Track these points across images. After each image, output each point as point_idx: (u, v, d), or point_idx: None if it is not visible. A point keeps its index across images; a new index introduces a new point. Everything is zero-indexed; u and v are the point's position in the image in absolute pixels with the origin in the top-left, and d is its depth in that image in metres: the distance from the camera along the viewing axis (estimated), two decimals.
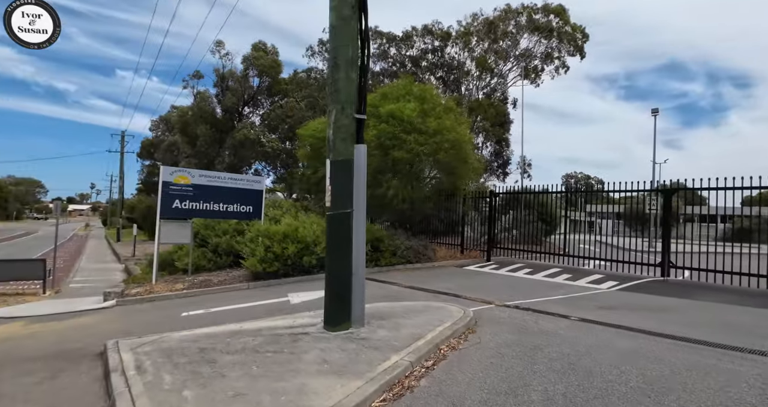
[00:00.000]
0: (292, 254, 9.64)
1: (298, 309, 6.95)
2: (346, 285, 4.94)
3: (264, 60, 33.71)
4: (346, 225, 4.98)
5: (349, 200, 5.01)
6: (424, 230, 14.53)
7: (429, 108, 12.26)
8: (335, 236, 5.02)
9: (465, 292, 7.72)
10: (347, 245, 4.97)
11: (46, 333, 6.48)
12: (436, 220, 14.59)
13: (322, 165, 12.86)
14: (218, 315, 6.91)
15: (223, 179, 10.76)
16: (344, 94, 5.02)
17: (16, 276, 10.44)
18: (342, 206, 4.98)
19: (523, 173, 26.39)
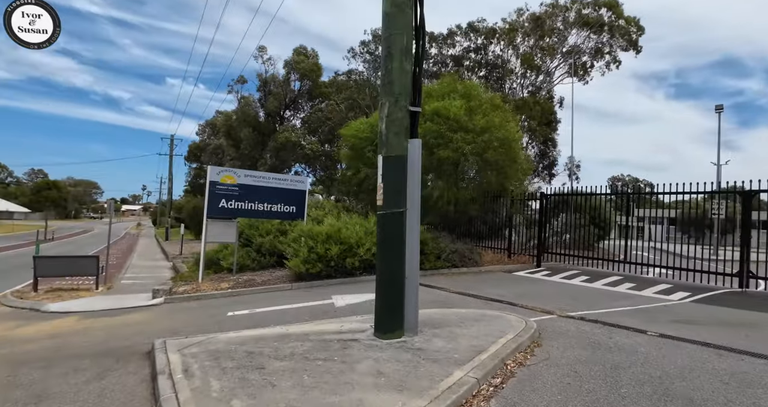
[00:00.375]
0: (335, 256, 9.43)
1: (343, 312, 6.68)
2: (399, 290, 4.61)
3: (305, 64, 34.21)
4: (399, 225, 4.64)
5: (403, 199, 4.67)
6: (467, 232, 14.00)
7: (475, 105, 11.77)
8: (387, 237, 4.70)
9: (520, 300, 7.19)
10: (400, 247, 4.63)
11: (96, 329, 6.56)
12: (480, 222, 14.02)
13: (364, 165, 12.66)
14: (263, 316, 6.76)
15: (268, 179, 10.73)
16: (398, 86, 4.70)
17: (71, 272, 10.84)
18: (395, 205, 4.65)
19: (571, 175, 25.16)
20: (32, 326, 7.04)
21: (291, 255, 9.92)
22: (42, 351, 5.40)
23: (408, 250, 4.63)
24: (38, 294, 9.90)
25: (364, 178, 12.39)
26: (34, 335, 6.38)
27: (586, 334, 5.13)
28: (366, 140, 12.66)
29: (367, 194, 12.89)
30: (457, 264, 10.80)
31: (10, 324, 7.18)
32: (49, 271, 10.50)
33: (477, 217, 13.18)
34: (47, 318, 7.64)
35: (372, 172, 12.30)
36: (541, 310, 6.41)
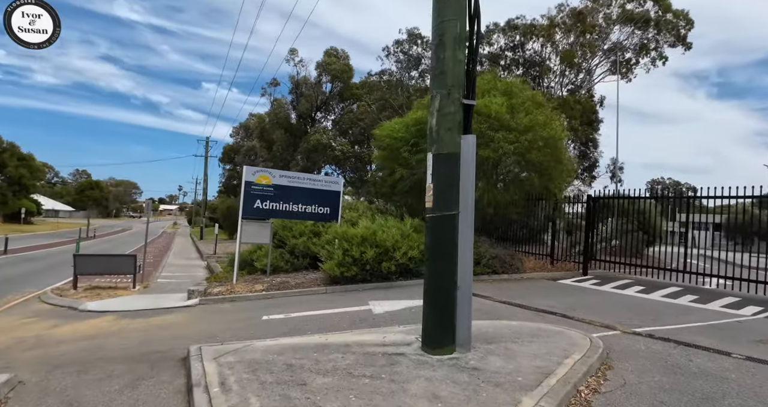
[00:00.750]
0: (371, 259, 9.08)
1: (383, 320, 6.30)
2: (450, 301, 4.18)
3: (336, 65, 34.26)
4: (451, 230, 4.22)
5: (455, 200, 4.25)
6: (507, 237, 13.38)
7: (517, 103, 11.18)
8: (437, 242, 4.28)
9: (574, 312, 6.61)
10: (451, 254, 4.21)
11: (131, 330, 6.44)
12: (519, 226, 13.37)
13: (399, 166, 12.26)
14: (299, 321, 6.47)
15: (302, 179, 10.51)
16: (451, 77, 4.29)
17: (110, 270, 10.97)
18: (446, 207, 4.23)
19: (614, 177, 23.93)
20: (69, 325, 7.02)
21: (325, 258, 9.64)
22: (77, 353, 5.28)
23: (460, 257, 4.21)
24: (77, 292, 10.03)
25: (399, 179, 11.99)
26: (70, 335, 6.32)
27: (659, 355, 4.54)
28: (401, 140, 12.27)
29: (401, 196, 12.50)
30: (497, 270, 10.24)
31: (48, 323, 7.19)
32: (89, 269, 10.65)
33: (516, 221, 12.55)
34: (84, 317, 7.63)
35: (407, 173, 11.91)
36: (600, 325, 5.83)
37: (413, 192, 12.17)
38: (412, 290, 8.83)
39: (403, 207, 12.09)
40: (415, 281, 9.48)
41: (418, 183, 12.14)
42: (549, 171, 10.65)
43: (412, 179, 11.87)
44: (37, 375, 4.46)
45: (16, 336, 6.41)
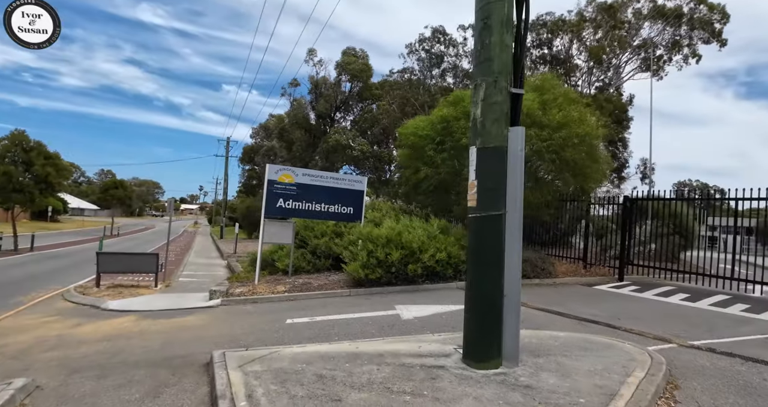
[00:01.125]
0: (396, 261, 8.73)
1: (413, 326, 5.95)
2: (496, 310, 3.80)
3: (355, 65, 34.08)
4: (497, 231, 3.84)
5: (501, 199, 3.87)
6: (535, 239, 12.86)
7: (549, 99, 10.67)
8: (481, 244, 3.91)
9: (619, 322, 6.13)
10: (497, 258, 3.83)
11: (153, 332, 6.25)
12: (547, 229, 12.83)
13: (423, 165, 11.88)
14: (324, 325, 6.17)
15: (325, 178, 10.24)
16: (498, 64, 3.91)
17: (132, 269, 10.90)
18: (492, 206, 3.85)
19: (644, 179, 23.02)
20: (91, 324, 6.88)
21: (349, 259, 9.34)
22: (97, 356, 5.08)
23: (508, 261, 3.82)
24: (100, 290, 9.97)
25: (423, 178, 11.61)
26: (91, 335, 6.16)
27: (727, 372, 4.07)
28: (426, 138, 11.89)
29: (425, 196, 12.11)
30: (528, 275, 9.75)
31: (70, 322, 7.07)
32: (111, 267, 10.59)
33: (546, 222, 12.03)
34: (106, 316, 7.50)
35: (432, 172, 11.52)
36: (653, 336, 5.35)
37: (438, 192, 11.79)
38: (440, 294, 8.45)
39: (428, 207, 11.70)
40: (442, 285, 9.10)
41: (443, 183, 11.75)
42: (584, 170, 10.11)
43: (437, 178, 11.48)
44: (55, 379, 4.26)
45: (37, 335, 6.28)
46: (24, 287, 10.65)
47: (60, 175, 18.93)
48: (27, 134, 18.19)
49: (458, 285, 9.15)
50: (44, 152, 18.68)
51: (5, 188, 17.09)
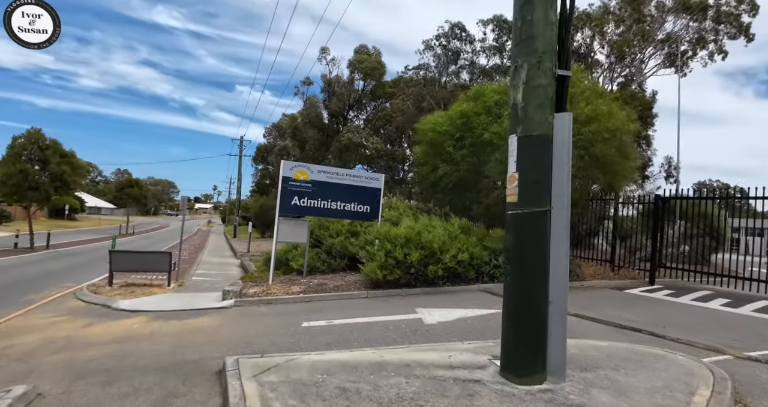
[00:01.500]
0: (416, 262, 8.34)
1: (438, 333, 5.55)
2: (540, 318, 3.39)
3: (367, 63, 33.77)
4: (541, 230, 3.43)
5: (545, 194, 3.45)
6: None
7: (576, 93, 10.14)
8: (522, 245, 3.50)
9: (661, 329, 5.65)
10: (541, 260, 3.41)
11: (164, 334, 5.96)
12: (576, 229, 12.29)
13: (442, 162, 11.47)
14: (343, 329, 5.81)
15: (341, 175, 9.89)
16: (542, 42, 3.50)
17: (145, 268, 10.72)
18: (535, 202, 3.45)
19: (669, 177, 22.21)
20: (101, 325, 6.63)
21: (366, 260, 8.99)
22: (105, 359, 4.80)
23: (553, 264, 3.41)
24: (112, 289, 9.78)
25: (442, 176, 11.20)
26: (100, 336, 5.90)
27: None
28: (445, 134, 11.49)
29: (443, 194, 11.70)
30: None
31: (80, 322, 6.83)
32: (124, 266, 10.41)
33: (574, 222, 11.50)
34: (117, 316, 7.26)
35: (451, 169, 11.11)
36: (703, 347, 4.86)
37: (458, 190, 11.36)
38: (462, 297, 8.04)
39: (447, 206, 11.28)
40: (464, 287, 8.68)
41: (463, 180, 11.32)
42: (614, 167, 9.57)
43: (456, 176, 11.06)
44: (59, 385, 3.98)
45: (46, 335, 6.05)
46: (37, 285, 10.53)
47: (75, 173, 18.94)
48: (43, 133, 18.26)
49: (480, 287, 8.73)
50: (60, 150, 18.72)
51: (21, 185, 17.14)
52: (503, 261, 3.57)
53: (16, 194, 17.50)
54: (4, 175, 17.10)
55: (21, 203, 18.90)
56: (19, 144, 17.66)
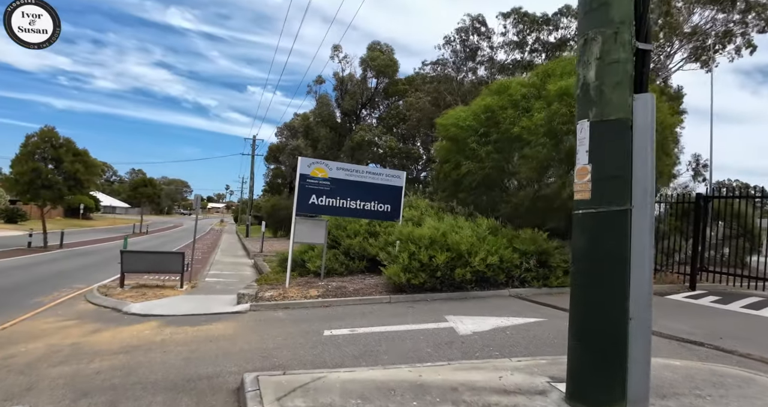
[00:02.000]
0: (442, 265, 7.80)
1: (475, 346, 5.01)
2: (618, 338, 2.83)
3: (380, 60, 33.33)
4: (620, 233, 2.87)
5: (626, 189, 2.90)
6: None
7: None
8: (596, 250, 2.95)
9: (724, 342, 5.04)
10: (620, 269, 2.86)
11: (176, 343, 5.52)
12: None
13: (466, 159, 10.90)
14: (369, 340, 5.31)
15: (361, 172, 9.39)
16: (618, 10, 2.95)
17: (157, 268, 10.35)
18: (613, 200, 2.89)
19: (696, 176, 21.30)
20: (110, 331, 6.22)
21: (387, 262, 8.48)
22: (111, 373, 4.36)
23: (634, 273, 2.85)
24: (124, 291, 9.43)
25: (466, 173, 10.63)
26: (108, 345, 5.48)
27: None
28: (468, 129, 10.92)
29: (467, 193, 11.13)
30: None
31: (88, 328, 6.44)
32: (136, 267, 10.05)
33: None
34: (127, 321, 6.86)
35: (476, 166, 10.53)
36: None
37: (482, 188, 10.80)
38: (493, 303, 7.49)
39: (471, 205, 10.71)
40: (493, 292, 8.12)
41: (488, 178, 10.75)
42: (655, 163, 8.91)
43: (480, 174, 10.49)
44: (59, 403, 3.54)
45: (51, 343, 5.66)
46: (47, 286, 10.23)
47: (89, 171, 18.77)
48: (56, 131, 18.13)
49: (511, 293, 8.16)
50: (73, 148, 18.57)
51: (34, 184, 16.99)
52: (572, 269, 3.02)
53: (29, 192, 17.36)
54: (17, 174, 16.97)
55: (34, 201, 18.79)
56: (32, 143, 17.52)
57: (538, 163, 8.88)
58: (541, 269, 8.42)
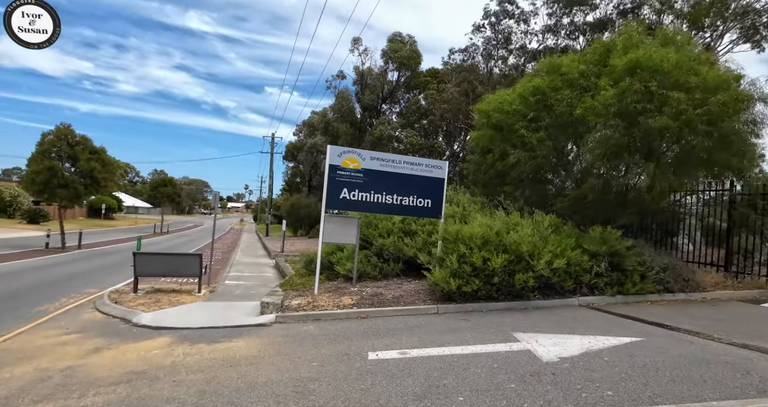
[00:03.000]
0: (499, 270, 6.60)
1: (572, 379, 3.81)
2: None
3: (403, 52, 32.16)
4: None
5: None
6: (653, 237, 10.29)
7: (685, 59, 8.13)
8: None
9: None
10: None
11: (189, 368, 4.50)
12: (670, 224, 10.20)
13: (513, 148, 9.64)
14: (429, 367, 4.18)
15: (398, 163, 8.25)
16: None
17: (173, 271, 9.48)
18: None
19: None
20: (113, 350, 5.25)
21: (432, 264, 7.33)
22: None
23: None
24: (137, 297, 8.54)
25: (514, 164, 9.36)
26: (107, 371, 4.48)
27: None
28: (515, 114, 9.65)
29: (515, 186, 9.87)
30: (671, 288, 7.35)
31: (89, 345, 5.49)
32: (150, 270, 9.16)
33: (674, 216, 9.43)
34: (134, 336, 5.89)
35: (526, 156, 9.25)
36: None
37: (534, 180, 9.53)
38: (563, 315, 6.26)
39: (521, 200, 9.45)
40: (559, 301, 6.88)
41: (539, 168, 9.48)
42: (747, 148, 7.52)
43: (531, 164, 9.22)
44: None
45: (42, 366, 4.71)
46: (57, 291, 9.44)
47: (106, 170, 18.15)
48: (72, 129, 17.52)
49: (581, 302, 6.91)
50: (90, 146, 17.98)
51: (50, 183, 16.42)
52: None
53: (46, 191, 16.81)
54: (33, 172, 16.42)
55: (51, 201, 18.28)
56: (48, 141, 16.97)
57: (606, 149, 7.57)
58: (615, 274, 7.13)
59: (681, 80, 7.42)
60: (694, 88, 7.40)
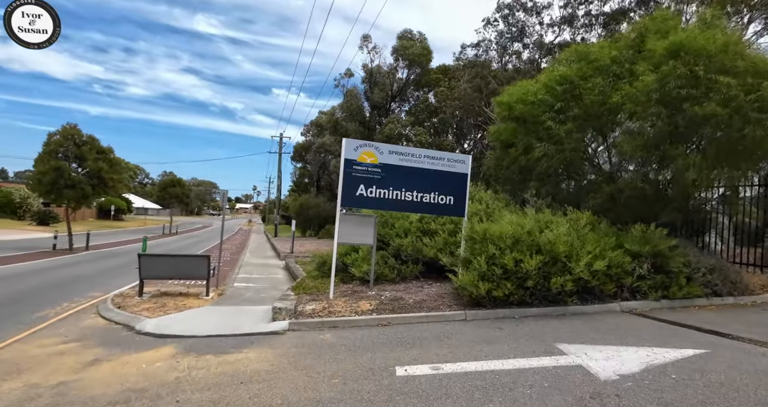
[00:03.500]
0: (533, 272, 6.02)
1: (637, 402, 3.23)
2: None
3: (413, 49, 31.63)
4: None
5: None
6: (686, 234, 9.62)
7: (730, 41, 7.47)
8: None
9: None
10: None
11: (194, 385, 3.99)
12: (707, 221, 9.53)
13: (538, 141, 9.03)
14: (466, 386, 3.62)
15: (418, 157, 7.69)
16: None
17: (180, 274, 9.04)
18: None
19: None
20: (112, 362, 4.75)
21: (455, 266, 6.77)
22: None
23: None
24: (141, 301, 8.08)
25: (540, 158, 8.75)
26: (103, 388, 3.99)
27: None
28: (541, 104, 9.05)
29: (542, 182, 9.25)
30: (720, 291, 6.71)
31: (87, 356, 5.00)
32: (156, 272, 8.71)
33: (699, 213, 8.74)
34: (137, 345, 5.40)
35: (553, 149, 8.65)
36: None
37: (563, 175, 8.92)
38: (607, 322, 5.66)
39: (549, 196, 8.83)
40: (599, 307, 6.27)
41: (568, 162, 8.87)
42: None
43: (559, 157, 8.61)
44: None
45: (33, 382, 4.22)
46: (59, 295, 9.02)
47: (113, 170, 17.82)
48: (79, 128, 17.21)
49: (622, 307, 6.30)
50: (97, 146, 17.66)
51: (57, 183, 16.10)
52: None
53: (53, 192, 16.50)
54: (39, 173, 16.12)
55: (58, 201, 17.98)
56: (54, 141, 16.66)
57: (646, 140, 6.95)
58: (659, 276, 6.50)
59: (728, 64, 6.77)
60: (743, 73, 6.76)
